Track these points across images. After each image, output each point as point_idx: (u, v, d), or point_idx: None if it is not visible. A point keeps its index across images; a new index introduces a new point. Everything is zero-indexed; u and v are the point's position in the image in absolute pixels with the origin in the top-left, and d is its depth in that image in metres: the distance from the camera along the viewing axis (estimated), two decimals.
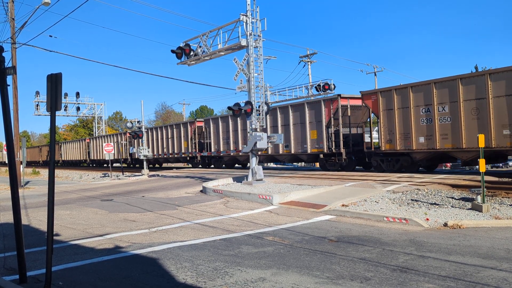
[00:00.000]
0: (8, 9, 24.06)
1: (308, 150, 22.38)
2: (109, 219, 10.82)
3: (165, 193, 17.01)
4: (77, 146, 51.68)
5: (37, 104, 50.63)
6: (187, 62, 18.61)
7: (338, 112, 20.97)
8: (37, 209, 13.48)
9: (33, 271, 6.06)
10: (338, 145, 20.91)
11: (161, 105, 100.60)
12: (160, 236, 8.52)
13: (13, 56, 23.07)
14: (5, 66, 5.42)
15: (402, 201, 11.28)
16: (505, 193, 11.43)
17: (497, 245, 6.92)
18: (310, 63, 42.41)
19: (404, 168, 18.12)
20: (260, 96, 16.34)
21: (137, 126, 30.19)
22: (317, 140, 21.83)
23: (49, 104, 5.50)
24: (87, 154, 48.24)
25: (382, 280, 5.28)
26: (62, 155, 56.35)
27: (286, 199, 12.72)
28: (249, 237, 8.17)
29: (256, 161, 16.39)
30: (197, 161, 32.45)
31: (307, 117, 22.34)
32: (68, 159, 54.75)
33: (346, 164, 20.88)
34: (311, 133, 22.23)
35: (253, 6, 15.92)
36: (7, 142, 5.58)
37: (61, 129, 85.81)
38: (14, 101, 23.06)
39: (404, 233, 8.20)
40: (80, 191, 19.54)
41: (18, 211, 5.37)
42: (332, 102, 21.15)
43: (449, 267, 5.77)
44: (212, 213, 11.34)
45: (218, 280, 5.47)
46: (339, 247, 7.12)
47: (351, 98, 21.44)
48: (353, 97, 21.50)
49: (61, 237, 8.69)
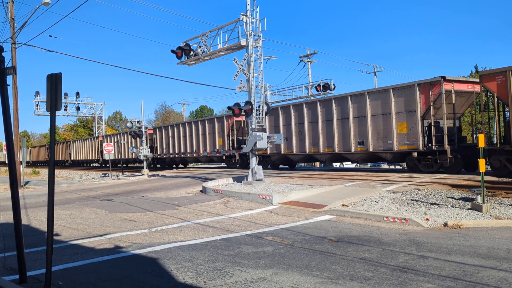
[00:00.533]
0: (8, 9, 24.07)
1: (394, 147, 18.29)
2: (109, 219, 10.83)
3: (165, 193, 17.01)
4: (88, 145, 47.85)
5: (37, 104, 50.64)
6: (187, 62, 18.62)
7: (441, 99, 16.58)
8: (37, 209, 13.48)
9: (33, 271, 6.06)
10: (440, 141, 16.74)
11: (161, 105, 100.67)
12: (160, 236, 8.52)
13: (13, 56, 23.09)
14: (5, 66, 5.42)
15: (402, 201, 11.28)
16: (505, 193, 11.43)
17: (497, 245, 6.93)
18: (310, 63, 42.41)
19: None
20: (260, 96, 16.35)
21: (137, 126, 30.19)
22: (408, 135, 17.80)
23: (49, 104, 5.50)
24: (100, 154, 44.12)
25: (382, 280, 5.29)
26: (71, 155, 52.99)
27: (286, 199, 12.73)
28: (249, 237, 8.17)
29: (256, 161, 16.39)
30: (235, 160, 28.44)
31: (393, 106, 18.23)
32: (78, 158, 50.99)
33: (450, 165, 16.57)
34: (398, 126, 18.13)
35: (253, 6, 15.93)
36: (7, 142, 5.58)
37: (61, 129, 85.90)
38: (14, 101, 23.07)
39: (404, 233, 8.20)
40: (80, 191, 19.55)
41: (18, 211, 5.37)
42: (432, 86, 16.91)
43: (449, 267, 5.77)
44: (212, 213, 11.34)
45: (218, 280, 5.47)
46: (339, 247, 7.13)
47: (456, 82, 17.28)
48: (458, 80, 17.73)
49: (61, 237, 8.69)
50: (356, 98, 19.89)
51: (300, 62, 42.78)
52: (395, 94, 18.18)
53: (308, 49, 42.43)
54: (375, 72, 47.46)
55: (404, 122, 17.91)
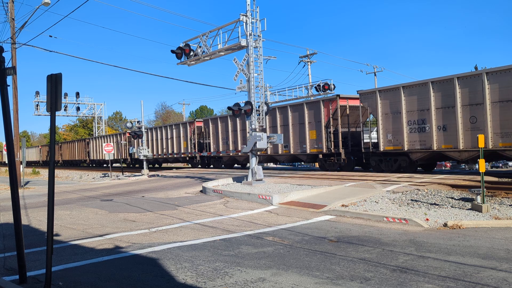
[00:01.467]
0: (8, 9, 24.07)
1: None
2: (109, 219, 10.83)
3: (165, 193, 17.01)
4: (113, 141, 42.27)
5: (37, 104, 50.62)
6: (187, 62, 18.62)
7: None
8: (37, 209, 13.48)
9: (33, 271, 6.06)
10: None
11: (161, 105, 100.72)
12: (160, 236, 8.52)
13: (13, 56, 23.08)
14: (5, 66, 5.42)
15: (402, 201, 11.28)
16: (505, 193, 11.43)
17: (497, 246, 6.93)
18: (310, 63, 42.41)
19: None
20: (260, 96, 16.35)
21: (137, 126, 30.17)
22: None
23: (49, 104, 5.50)
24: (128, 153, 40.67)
25: (382, 280, 5.29)
26: (90, 154, 47.50)
27: (286, 199, 12.73)
28: (249, 237, 8.17)
29: (256, 161, 16.39)
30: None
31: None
32: (96, 158, 46.04)
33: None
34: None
35: (253, 6, 15.93)
36: (7, 142, 5.58)
37: (61, 129, 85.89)
38: (14, 101, 23.06)
39: (404, 233, 8.20)
40: (80, 191, 19.55)
41: (18, 211, 5.37)
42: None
43: (448, 267, 5.78)
44: (212, 213, 11.34)
45: (218, 280, 5.47)
46: (339, 247, 7.13)
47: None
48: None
49: (61, 237, 8.69)
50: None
51: (300, 62, 42.80)
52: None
53: (308, 49, 42.48)
54: (375, 72, 47.51)
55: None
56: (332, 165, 21.53)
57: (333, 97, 21.00)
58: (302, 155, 23.10)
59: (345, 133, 21.31)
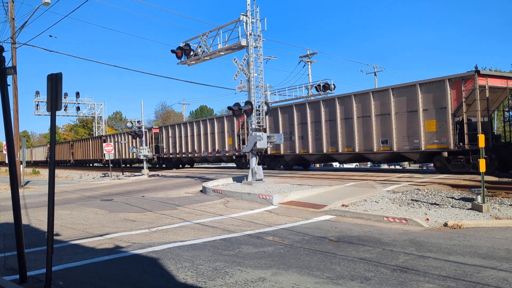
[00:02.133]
0: (8, 9, 24.07)
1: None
2: (109, 219, 10.83)
3: (165, 193, 17.01)
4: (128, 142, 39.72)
5: (37, 104, 50.59)
6: (187, 62, 18.63)
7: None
8: (37, 209, 13.48)
9: (33, 271, 6.06)
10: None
11: (161, 105, 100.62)
12: (160, 236, 8.52)
13: (13, 56, 23.08)
14: (5, 66, 5.41)
15: (402, 201, 11.28)
16: (505, 193, 11.43)
17: (497, 245, 6.93)
18: (310, 63, 42.41)
19: None
20: (260, 96, 16.35)
21: (137, 126, 30.17)
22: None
23: (49, 104, 5.50)
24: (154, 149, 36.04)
25: (382, 280, 5.29)
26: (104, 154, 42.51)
27: (286, 199, 12.73)
28: (249, 237, 8.17)
29: (256, 161, 16.39)
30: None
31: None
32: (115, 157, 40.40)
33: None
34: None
35: (253, 6, 15.93)
36: (7, 142, 5.58)
37: (61, 129, 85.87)
38: (14, 101, 23.06)
39: (404, 233, 8.20)
40: (80, 191, 19.54)
41: (18, 211, 5.37)
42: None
43: (449, 267, 5.77)
44: (212, 213, 11.34)
45: (218, 280, 5.47)
46: (339, 247, 7.13)
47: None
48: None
49: (61, 237, 8.69)
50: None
51: (300, 62, 42.79)
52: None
53: (308, 49, 42.47)
54: (375, 72, 47.48)
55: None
56: (461, 166, 16.20)
57: (468, 74, 15.83)
58: (412, 153, 17.87)
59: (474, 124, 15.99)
